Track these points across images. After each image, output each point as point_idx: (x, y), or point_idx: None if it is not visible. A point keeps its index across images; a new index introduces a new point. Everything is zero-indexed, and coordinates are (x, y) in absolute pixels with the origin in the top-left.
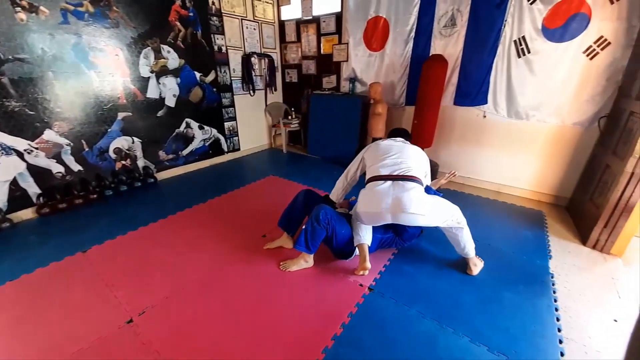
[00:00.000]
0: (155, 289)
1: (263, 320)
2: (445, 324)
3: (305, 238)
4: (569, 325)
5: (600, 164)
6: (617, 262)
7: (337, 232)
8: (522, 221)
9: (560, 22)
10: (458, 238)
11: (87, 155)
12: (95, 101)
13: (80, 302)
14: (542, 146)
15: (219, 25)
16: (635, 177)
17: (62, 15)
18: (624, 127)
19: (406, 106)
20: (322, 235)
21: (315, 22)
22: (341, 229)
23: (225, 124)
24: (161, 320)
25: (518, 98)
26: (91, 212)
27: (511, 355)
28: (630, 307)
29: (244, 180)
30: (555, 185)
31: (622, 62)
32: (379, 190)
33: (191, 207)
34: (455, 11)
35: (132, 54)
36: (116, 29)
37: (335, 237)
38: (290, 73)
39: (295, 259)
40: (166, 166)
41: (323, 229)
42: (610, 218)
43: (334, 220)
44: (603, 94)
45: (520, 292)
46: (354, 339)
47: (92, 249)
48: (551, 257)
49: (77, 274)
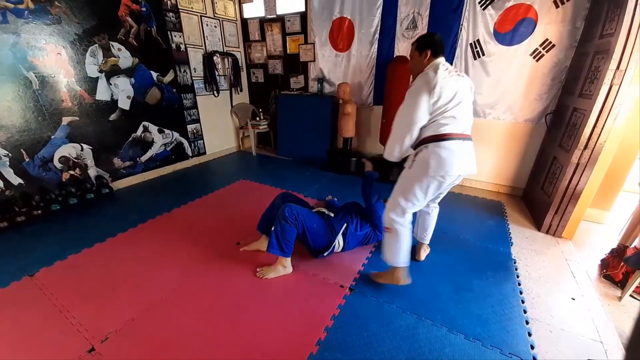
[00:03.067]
0: (119, 311)
1: (243, 332)
2: (424, 316)
3: (276, 240)
4: (533, 306)
5: (548, 156)
6: (568, 244)
7: (308, 227)
8: (484, 212)
9: (510, 27)
10: (433, 220)
11: (28, 167)
12: (36, 105)
13: (32, 332)
14: (498, 142)
15: (176, 21)
16: (580, 167)
17: (1, 15)
18: (568, 122)
19: (374, 106)
20: (293, 232)
21: (280, 21)
22: (312, 223)
23: (188, 126)
24: (128, 346)
25: (476, 97)
26: (36, 230)
27: (485, 340)
28: (585, 286)
29: (212, 186)
30: (511, 177)
31: (565, 63)
32: (457, 149)
33: (154, 217)
34: (416, 14)
35: (76, 52)
36: (58, 25)
37: (307, 233)
38: (256, 73)
39: (272, 265)
40: (123, 174)
41: (292, 226)
42: (560, 205)
43: (302, 215)
44: (549, 93)
45: (488, 279)
46: (338, 342)
47: (40, 271)
48: (512, 243)
49: (26, 300)
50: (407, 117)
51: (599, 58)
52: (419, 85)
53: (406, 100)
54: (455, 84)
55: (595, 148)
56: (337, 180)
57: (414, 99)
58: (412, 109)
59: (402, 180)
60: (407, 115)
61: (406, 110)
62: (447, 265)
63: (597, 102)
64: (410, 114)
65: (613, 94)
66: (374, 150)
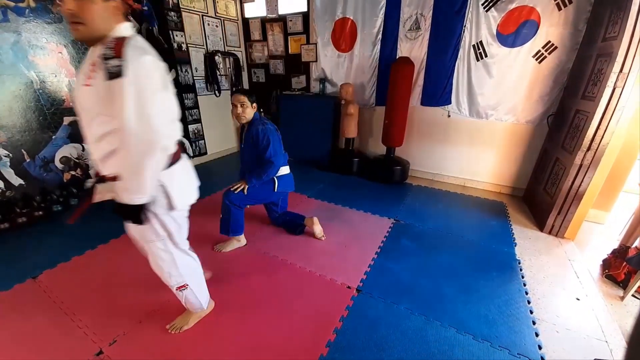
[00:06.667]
0: (127, 312)
1: (254, 333)
2: (432, 317)
3: (227, 226)
4: (538, 306)
5: (550, 157)
6: (571, 245)
7: (260, 198)
8: (487, 212)
9: (513, 29)
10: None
11: (29, 167)
12: (37, 105)
13: (39, 335)
14: (500, 142)
15: (177, 21)
16: (583, 168)
17: (2, 13)
18: (570, 123)
19: (376, 106)
20: (239, 214)
21: (282, 21)
22: (260, 195)
23: (189, 126)
24: (137, 349)
25: (478, 98)
26: (38, 231)
27: (494, 341)
28: (588, 286)
29: (214, 186)
30: (513, 177)
31: (567, 65)
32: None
33: None
34: (419, 15)
35: (77, 52)
36: (59, 24)
37: (255, 198)
38: (257, 73)
39: (227, 241)
40: None
41: (237, 209)
42: (562, 205)
43: (240, 198)
44: (551, 94)
45: (494, 279)
46: (348, 343)
47: (44, 273)
48: (516, 244)
49: (30, 303)
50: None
51: (602, 61)
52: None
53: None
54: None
55: (598, 149)
56: (338, 181)
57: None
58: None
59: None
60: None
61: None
62: (453, 265)
63: (601, 104)
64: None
65: (616, 97)
66: (376, 150)
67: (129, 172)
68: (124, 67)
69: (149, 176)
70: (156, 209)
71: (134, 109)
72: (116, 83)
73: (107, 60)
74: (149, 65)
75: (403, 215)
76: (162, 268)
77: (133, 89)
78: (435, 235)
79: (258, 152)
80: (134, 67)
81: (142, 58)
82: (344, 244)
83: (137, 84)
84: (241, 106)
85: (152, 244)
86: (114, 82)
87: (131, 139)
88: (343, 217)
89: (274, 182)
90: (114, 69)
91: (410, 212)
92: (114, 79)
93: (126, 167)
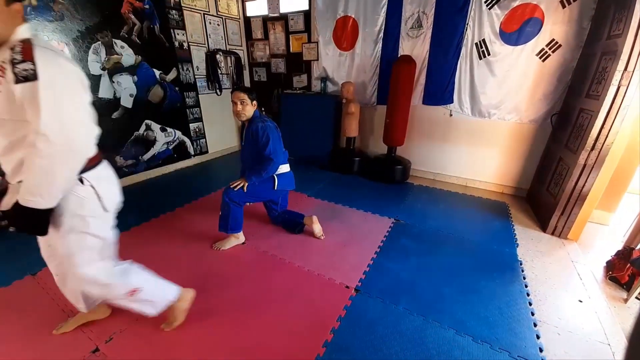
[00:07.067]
0: (122, 311)
1: (250, 332)
2: (431, 318)
3: (225, 223)
4: (540, 308)
5: (554, 157)
6: (574, 246)
7: (260, 196)
8: (489, 212)
9: (516, 27)
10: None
11: None
12: None
13: (36, 331)
14: (502, 142)
15: (179, 19)
16: (587, 168)
17: None
18: (574, 122)
19: (378, 105)
20: (238, 212)
21: (283, 20)
22: (260, 193)
23: (190, 125)
24: (133, 347)
25: (481, 97)
26: None
27: (493, 343)
28: (591, 288)
29: (215, 185)
30: (515, 177)
31: (571, 63)
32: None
33: (158, 216)
34: (421, 13)
35: (79, 50)
36: (61, 22)
37: (256, 196)
38: (259, 71)
39: (226, 239)
40: (125, 173)
41: (236, 206)
42: (566, 206)
43: (239, 195)
44: (554, 93)
45: (495, 280)
46: (345, 343)
47: (43, 270)
48: (518, 245)
49: (29, 300)
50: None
51: (607, 59)
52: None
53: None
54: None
55: (602, 149)
56: (339, 180)
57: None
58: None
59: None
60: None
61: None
62: (453, 266)
63: (605, 103)
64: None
65: (621, 95)
66: (377, 150)
67: (40, 176)
68: (37, 70)
69: (62, 182)
70: (88, 214)
71: (51, 112)
72: (28, 87)
73: (16, 65)
74: (65, 68)
75: (403, 215)
76: (104, 284)
77: (49, 93)
78: (435, 235)
79: (258, 150)
80: (48, 70)
81: (57, 60)
82: (344, 244)
83: (53, 87)
84: (241, 103)
85: (83, 261)
86: (26, 86)
87: (47, 144)
88: (343, 217)
89: (274, 180)
90: (25, 73)
91: (410, 212)
92: (25, 82)
93: (37, 171)
